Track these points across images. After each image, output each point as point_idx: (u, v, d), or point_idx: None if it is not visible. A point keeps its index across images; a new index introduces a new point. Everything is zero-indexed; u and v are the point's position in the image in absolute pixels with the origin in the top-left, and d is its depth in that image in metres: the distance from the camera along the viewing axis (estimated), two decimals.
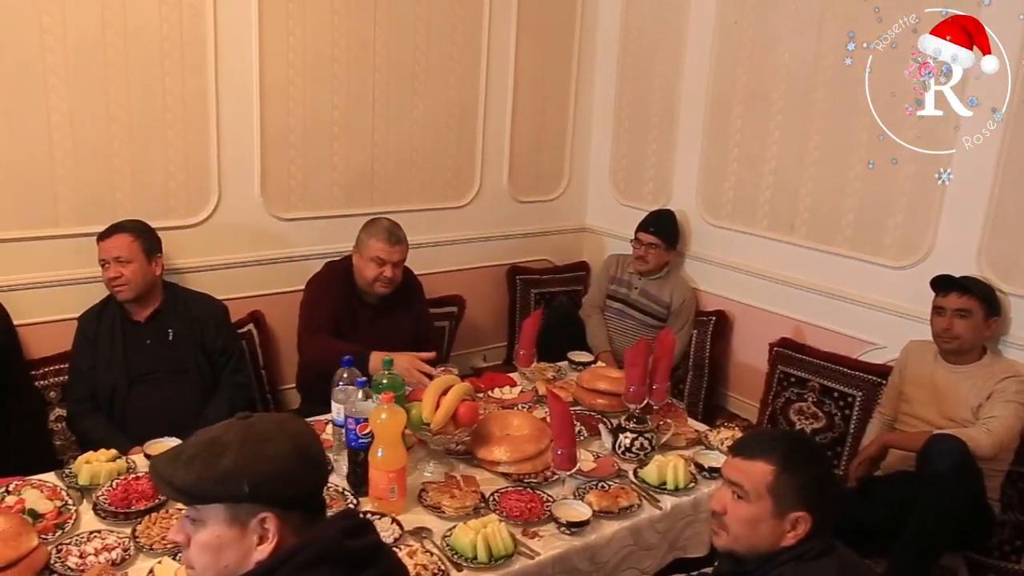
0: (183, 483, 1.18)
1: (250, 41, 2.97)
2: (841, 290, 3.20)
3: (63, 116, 2.69)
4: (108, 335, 2.68)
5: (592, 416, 2.60)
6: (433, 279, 3.61)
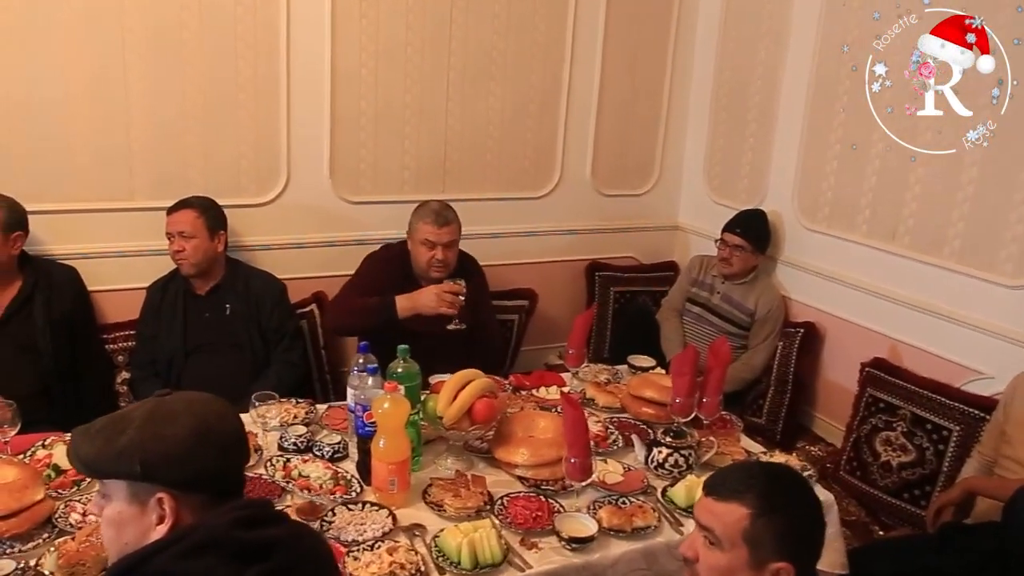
0: (85, 456, 1.18)
1: (322, 24, 2.99)
2: (946, 309, 2.83)
3: (141, 95, 2.81)
4: (171, 306, 2.79)
5: (637, 425, 2.43)
6: (504, 270, 3.53)
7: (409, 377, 2.13)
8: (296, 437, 2.20)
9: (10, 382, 2.45)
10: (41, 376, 2.58)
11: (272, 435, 2.22)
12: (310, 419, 2.35)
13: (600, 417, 2.42)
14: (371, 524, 1.86)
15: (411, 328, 2.80)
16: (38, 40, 2.66)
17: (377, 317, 2.72)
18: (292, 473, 2.05)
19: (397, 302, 2.71)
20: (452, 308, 2.69)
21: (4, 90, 2.65)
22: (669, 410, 2.31)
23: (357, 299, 2.80)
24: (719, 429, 2.38)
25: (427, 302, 2.70)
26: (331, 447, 2.16)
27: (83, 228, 2.84)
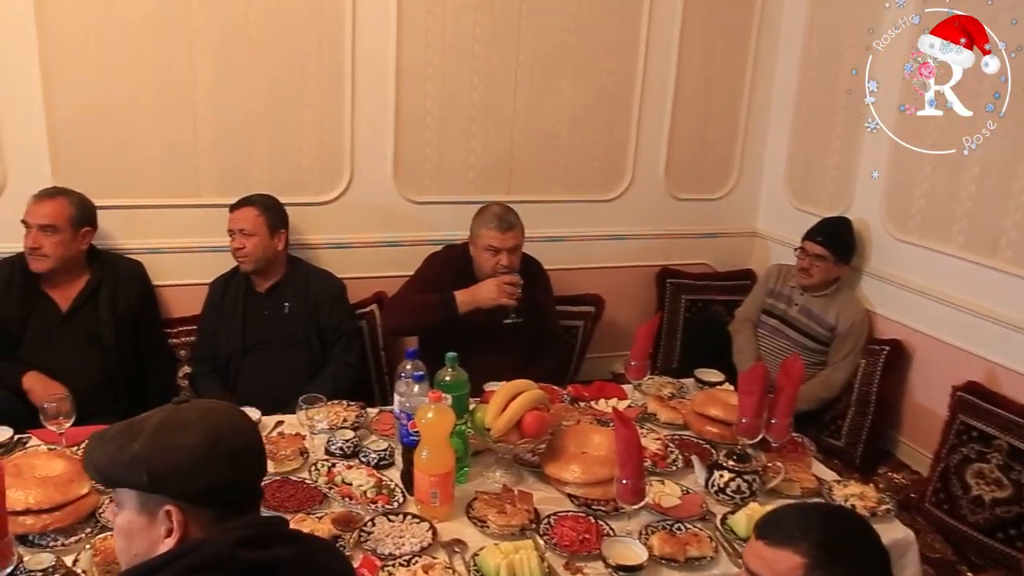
0: (97, 462, 1.15)
1: (388, 20, 2.95)
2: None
3: (207, 92, 2.83)
4: (232, 302, 2.81)
5: (699, 445, 2.29)
6: (570, 275, 3.42)
7: (457, 386, 2.05)
8: (343, 442, 2.15)
9: (75, 374, 2.52)
10: (105, 368, 2.62)
11: (320, 438, 2.18)
12: (360, 423, 2.30)
13: (660, 434, 2.29)
14: (410, 537, 1.79)
15: (467, 329, 2.74)
16: (109, 38, 2.71)
17: (437, 313, 2.68)
18: (335, 479, 2.00)
19: (457, 297, 2.67)
20: (512, 299, 2.67)
21: (77, 88, 2.71)
22: (735, 430, 2.17)
23: (416, 296, 2.77)
24: (789, 453, 2.22)
25: (487, 294, 2.68)
26: (377, 454, 2.11)
27: (150, 223, 2.88)
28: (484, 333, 2.77)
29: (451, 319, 2.67)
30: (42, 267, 2.51)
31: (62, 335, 2.57)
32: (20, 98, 2.66)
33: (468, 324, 2.73)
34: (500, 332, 2.74)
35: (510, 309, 2.68)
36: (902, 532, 1.95)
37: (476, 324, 2.73)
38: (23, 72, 2.63)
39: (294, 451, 2.08)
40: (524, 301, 2.73)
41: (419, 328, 2.85)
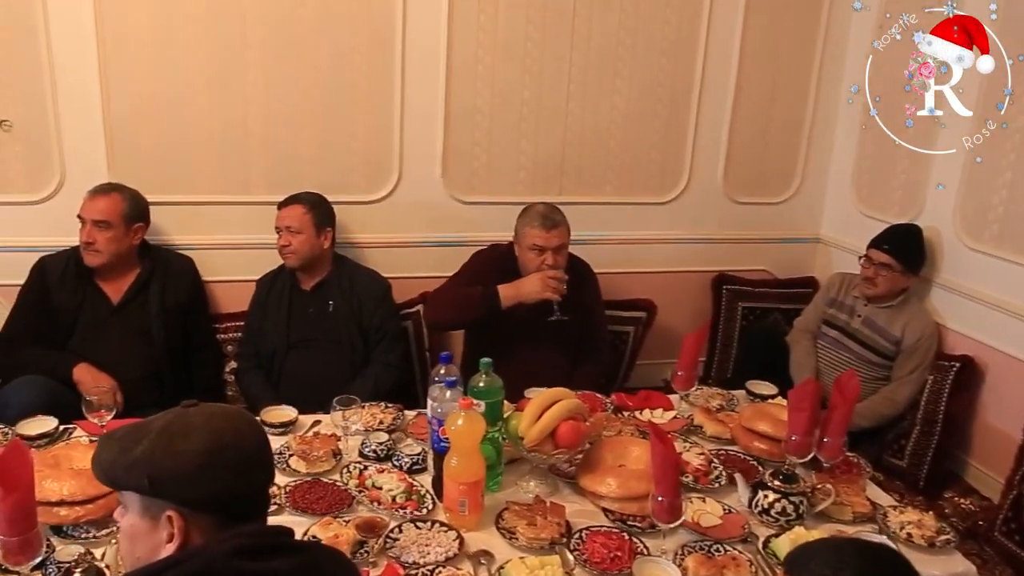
0: (103, 463, 1.14)
1: (439, 18, 2.92)
2: None
3: (259, 90, 2.86)
4: (277, 300, 2.82)
5: (746, 461, 2.18)
6: (622, 279, 3.34)
7: (491, 393, 1.99)
8: (377, 444, 2.12)
9: (123, 365, 2.56)
10: (152, 361, 2.66)
11: (355, 440, 2.16)
12: (396, 426, 2.28)
13: (704, 448, 2.19)
14: (436, 546, 1.75)
15: (511, 327, 2.70)
16: (164, 38, 2.75)
17: (479, 307, 2.64)
18: (366, 482, 1.98)
19: (500, 291, 2.63)
20: (556, 294, 2.61)
21: (133, 87, 2.77)
22: (783, 448, 2.06)
23: (459, 289, 2.74)
24: (842, 474, 2.09)
25: (531, 288, 2.63)
26: (410, 458, 2.07)
27: (201, 220, 2.92)
28: (528, 331, 2.72)
29: (494, 313, 2.63)
30: (95, 261, 2.57)
31: (112, 327, 2.62)
32: (79, 97, 2.73)
33: (512, 321, 2.68)
34: (545, 331, 2.69)
35: (555, 306, 2.62)
36: (962, 566, 1.81)
37: (520, 321, 2.68)
38: (82, 72, 2.70)
39: (327, 452, 2.06)
40: (571, 302, 2.66)
41: (460, 321, 2.82)
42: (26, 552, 1.51)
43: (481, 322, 2.74)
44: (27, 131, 2.72)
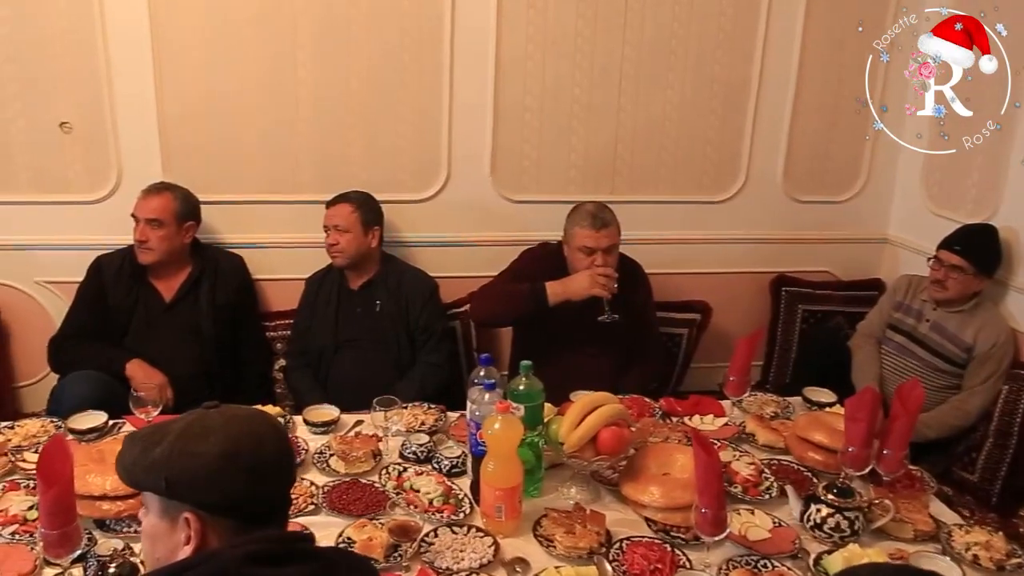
0: (124, 463, 1.14)
1: (488, 14, 2.88)
2: None
3: (308, 89, 2.87)
4: (326, 299, 2.83)
5: (799, 472, 2.08)
6: (675, 280, 3.25)
7: (531, 396, 1.94)
8: (417, 446, 2.10)
9: (174, 362, 2.61)
10: (203, 358, 2.70)
11: (396, 441, 2.14)
12: (437, 427, 2.25)
13: (755, 458, 2.10)
14: (470, 552, 1.71)
15: (559, 327, 2.65)
16: (216, 41, 2.79)
17: (526, 303, 2.59)
18: (404, 484, 1.96)
19: (547, 288, 2.57)
20: (605, 291, 2.53)
21: (186, 89, 2.81)
22: (839, 460, 1.95)
23: (506, 285, 2.70)
24: (903, 489, 1.98)
25: (579, 285, 2.56)
26: (450, 461, 2.04)
27: (251, 218, 2.95)
28: (576, 332, 2.66)
29: (540, 310, 2.58)
30: (148, 259, 2.63)
31: (164, 324, 2.67)
32: (135, 100, 2.79)
33: (560, 321, 2.63)
34: (593, 331, 2.61)
35: (604, 305, 2.54)
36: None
37: (568, 321, 2.62)
38: (138, 76, 2.76)
39: (366, 453, 2.05)
40: (621, 303, 2.59)
41: (506, 318, 2.78)
42: (65, 545, 1.53)
43: (527, 319, 2.70)
44: (86, 133, 2.79)
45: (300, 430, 2.23)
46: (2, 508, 1.78)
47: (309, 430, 2.23)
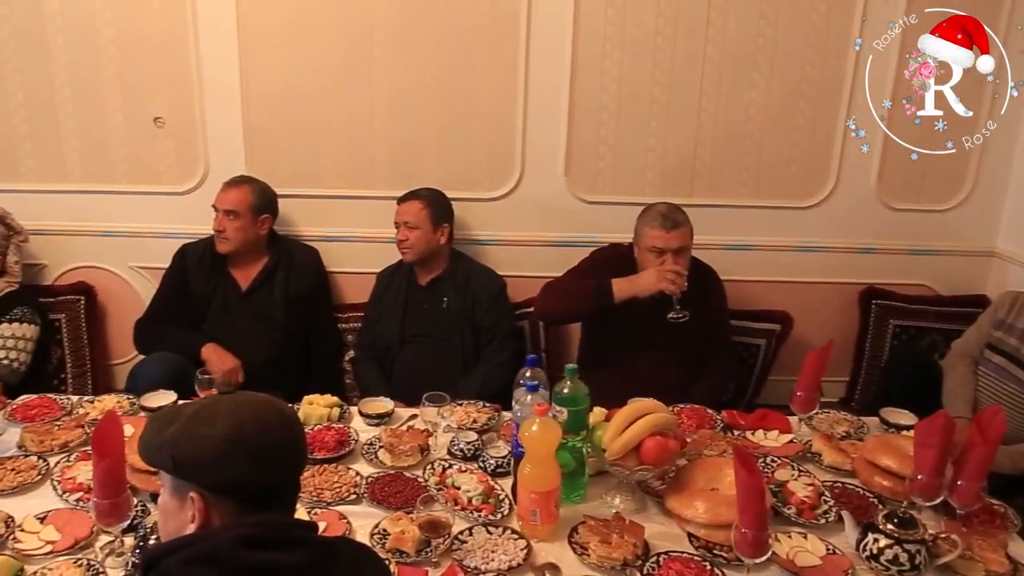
0: (143, 441, 1.20)
1: (564, 12, 2.84)
2: None
3: (385, 88, 2.93)
4: (395, 294, 2.88)
5: (865, 498, 1.95)
6: (754, 288, 3.13)
7: (575, 400, 1.91)
8: (465, 443, 2.10)
9: (248, 349, 2.72)
10: (276, 346, 2.80)
11: (446, 437, 2.15)
12: (489, 426, 2.25)
13: (815, 479, 1.98)
14: (501, 553, 1.70)
15: (626, 326, 2.60)
16: (297, 38, 2.89)
17: (591, 300, 2.55)
18: (446, 481, 1.96)
19: (613, 284, 2.52)
20: (673, 286, 2.45)
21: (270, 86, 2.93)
22: (907, 487, 1.82)
23: (572, 282, 2.67)
24: (980, 524, 1.82)
25: (646, 281, 2.50)
26: (495, 460, 2.03)
27: (327, 213, 3.04)
28: (645, 334, 2.60)
29: (605, 307, 2.52)
30: (225, 248, 2.75)
31: (240, 312, 2.79)
32: (222, 96, 2.92)
33: (627, 320, 2.58)
34: (662, 332, 2.55)
35: (674, 301, 2.46)
36: None
37: (636, 321, 2.58)
38: (225, 73, 2.90)
39: (414, 447, 2.07)
40: (693, 307, 2.50)
41: (571, 314, 2.75)
42: (115, 514, 1.62)
43: (592, 316, 2.66)
44: (178, 128, 2.96)
45: (355, 421, 2.28)
46: (71, 476, 1.90)
47: (364, 421, 2.27)
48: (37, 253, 3.05)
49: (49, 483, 1.89)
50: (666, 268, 2.49)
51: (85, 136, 2.98)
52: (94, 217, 3.05)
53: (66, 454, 2.01)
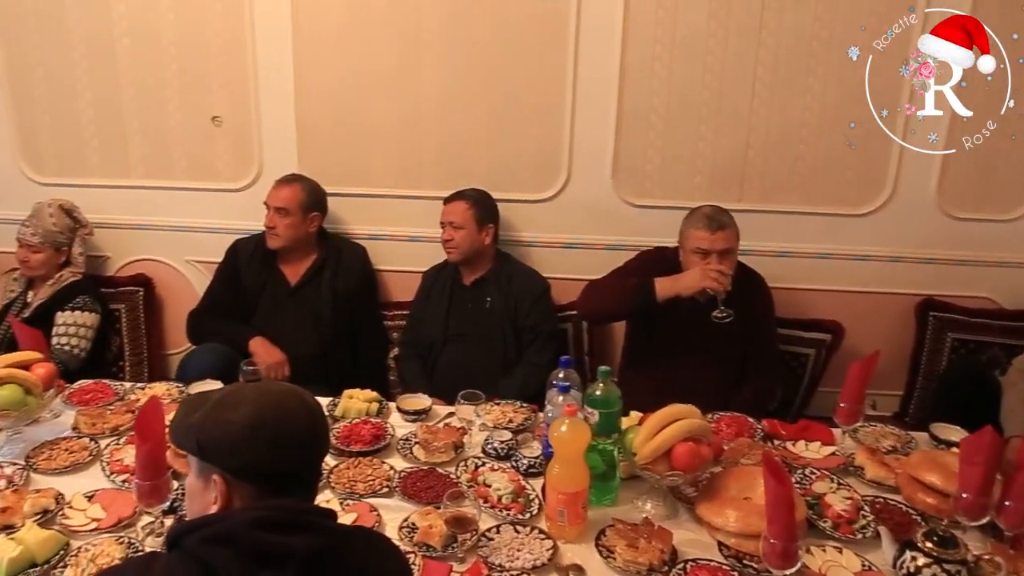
0: (171, 425, 1.24)
1: (614, 14, 2.83)
2: None
3: (433, 89, 2.97)
4: (439, 292, 2.91)
5: (907, 514, 1.89)
6: (803, 296, 3.06)
7: (608, 403, 1.90)
8: (499, 442, 2.12)
9: (295, 343, 2.78)
10: (322, 342, 2.86)
11: (481, 436, 2.17)
12: (525, 426, 2.25)
13: (855, 492, 1.92)
14: (527, 552, 1.70)
15: (670, 327, 2.59)
16: (349, 40, 2.95)
17: (633, 298, 2.53)
18: (478, 478, 1.97)
19: (656, 283, 2.50)
20: (716, 284, 2.42)
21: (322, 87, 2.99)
22: (951, 505, 1.76)
23: (614, 280, 2.66)
24: None
25: (689, 278, 2.48)
26: (528, 460, 2.04)
27: (375, 211, 3.09)
28: (688, 338, 2.59)
29: (648, 306, 2.51)
30: (275, 244, 2.83)
31: (288, 307, 2.86)
32: (277, 96, 3.01)
33: (671, 323, 2.57)
34: (705, 336, 2.54)
35: (718, 301, 2.43)
36: None
37: (680, 323, 2.56)
38: (280, 74, 2.98)
39: (448, 444, 2.09)
40: (739, 313, 2.46)
41: (612, 313, 2.74)
42: (155, 496, 1.69)
43: (634, 315, 2.65)
44: (235, 127, 3.06)
45: (393, 416, 2.31)
46: (119, 458, 1.98)
47: (401, 417, 2.30)
48: (100, 245, 3.19)
49: (98, 464, 1.98)
50: (710, 267, 2.47)
51: (147, 134, 3.11)
52: (154, 212, 3.18)
53: (116, 437, 2.10)
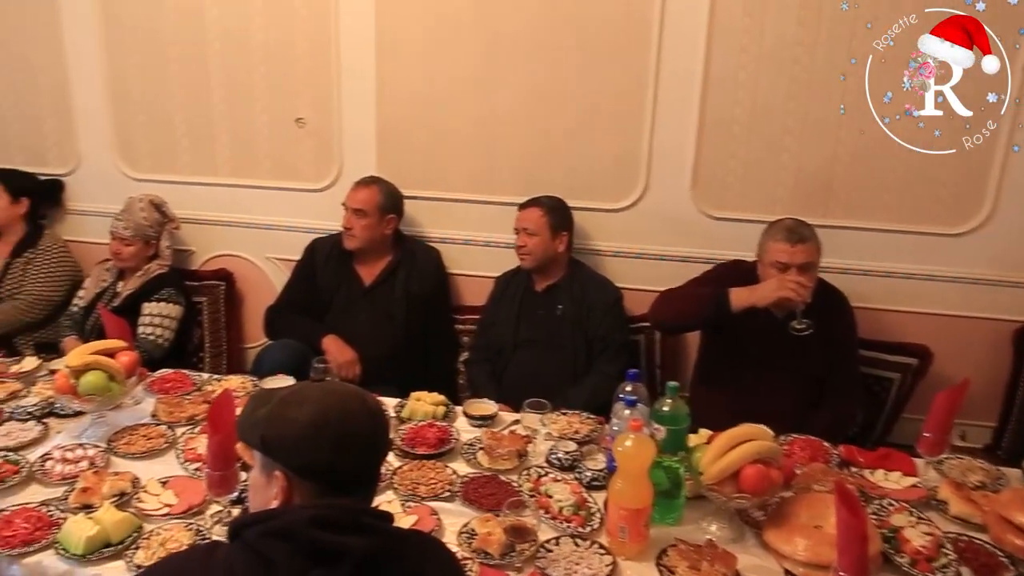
0: (240, 419, 1.27)
1: (698, 23, 2.76)
2: None
3: (513, 95, 2.96)
4: (511, 298, 2.91)
5: (995, 556, 1.77)
6: (890, 318, 2.92)
7: (675, 419, 1.86)
8: (564, 453, 2.09)
9: (368, 343, 2.82)
10: (393, 343, 2.89)
11: (546, 445, 2.15)
12: (591, 438, 2.22)
13: (936, 529, 1.81)
14: (585, 567, 1.68)
15: (746, 341, 2.52)
16: (431, 44, 2.97)
17: (708, 307, 2.47)
18: (540, 488, 1.95)
19: (731, 293, 2.43)
20: (794, 295, 2.34)
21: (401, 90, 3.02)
22: None
23: (689, 289, 2.62)
24: None
25: (767, 288, 2.41)
26: (592, 472, 2.01)
27: (451, 215, 3.10)
28: (764, 353, 2.52)
29: (723, 317, 2.44)
30: (352, 245, 2.88)
31: (362, 307, 2.90)
32: (358, 99, 3.06)
33: (746, 336, 2.51)
34: (782, 353, 2.47)
35: (797, 313, 2.35)
36: None
37: (755, 336, 2.50)
38: (363, 77, 3.03)
39: (512, 452, 2.07)
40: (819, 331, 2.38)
41: (685, 322, 2.67)
42: (224, 486, 1.73)
43: (708, 324, 2.60)
44: (318, 128, 3.12)
45: (459, 421, 2.32)
46: (193, 447, 2.05)
47: (467, 422, 2.30)
48: (186, 240, 3.32)
49: (173, 451, 2.06)
50: (788, 276, 2.38)
51: (234, 134, 3.22)
52: (238, 209, 3.28)
53: (191, 426, 2.18)
